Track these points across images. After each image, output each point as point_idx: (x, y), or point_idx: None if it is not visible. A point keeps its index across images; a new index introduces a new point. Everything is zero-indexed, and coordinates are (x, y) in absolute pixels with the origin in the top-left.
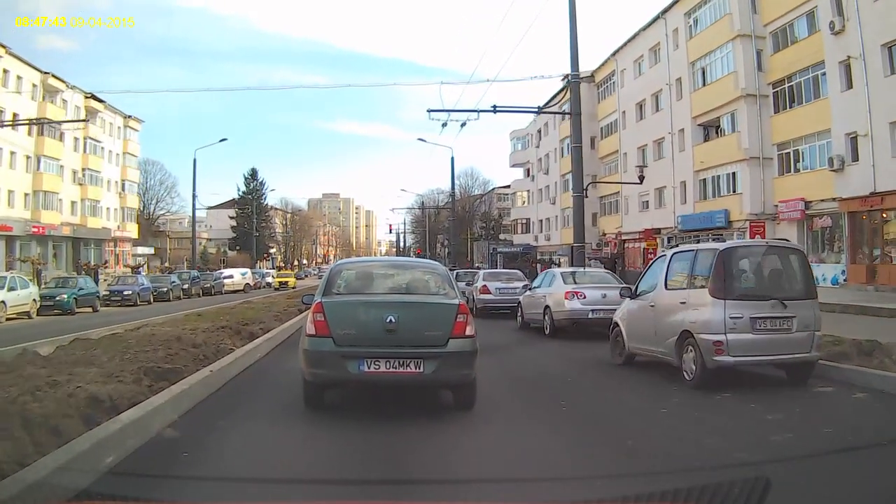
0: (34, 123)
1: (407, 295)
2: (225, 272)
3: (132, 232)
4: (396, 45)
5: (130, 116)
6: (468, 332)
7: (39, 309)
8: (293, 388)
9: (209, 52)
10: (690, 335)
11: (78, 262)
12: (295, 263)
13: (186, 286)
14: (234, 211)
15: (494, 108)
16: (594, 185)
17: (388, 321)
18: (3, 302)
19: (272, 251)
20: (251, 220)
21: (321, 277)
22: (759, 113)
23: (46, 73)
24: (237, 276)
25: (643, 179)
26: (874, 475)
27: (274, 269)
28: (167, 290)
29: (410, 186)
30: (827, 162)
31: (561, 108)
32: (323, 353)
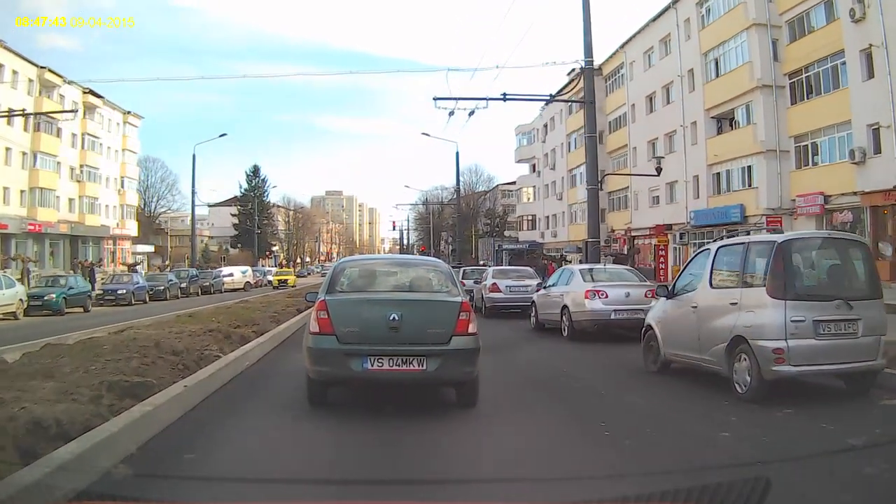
0: (23, 115)
1: (410, 293)
2: (225, 270)
3: (132, 229)
4: (399, 44)
5: (130, 112)
6: (471, 329)
7: (27, 309)
8: (285, 402)
9: (211, 51)
10: (744, 341)
11: (74, 259)
12: (297, 261)
13: (184, 285)
14: (235, 208)
15: (504, 95)
16: (604, 178)
17: (391, 319)
18: None
19: (274, 249)
20: (253, 217)
21: (324, 275)
22: (775, 104)
23: (43, 67)
24: (238, 274)
25: (660, 171)
26: None
27: (276, 266)
28: (164, 288)
29: (414, 183)
30: (847, 154)
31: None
32: (326, 350)
